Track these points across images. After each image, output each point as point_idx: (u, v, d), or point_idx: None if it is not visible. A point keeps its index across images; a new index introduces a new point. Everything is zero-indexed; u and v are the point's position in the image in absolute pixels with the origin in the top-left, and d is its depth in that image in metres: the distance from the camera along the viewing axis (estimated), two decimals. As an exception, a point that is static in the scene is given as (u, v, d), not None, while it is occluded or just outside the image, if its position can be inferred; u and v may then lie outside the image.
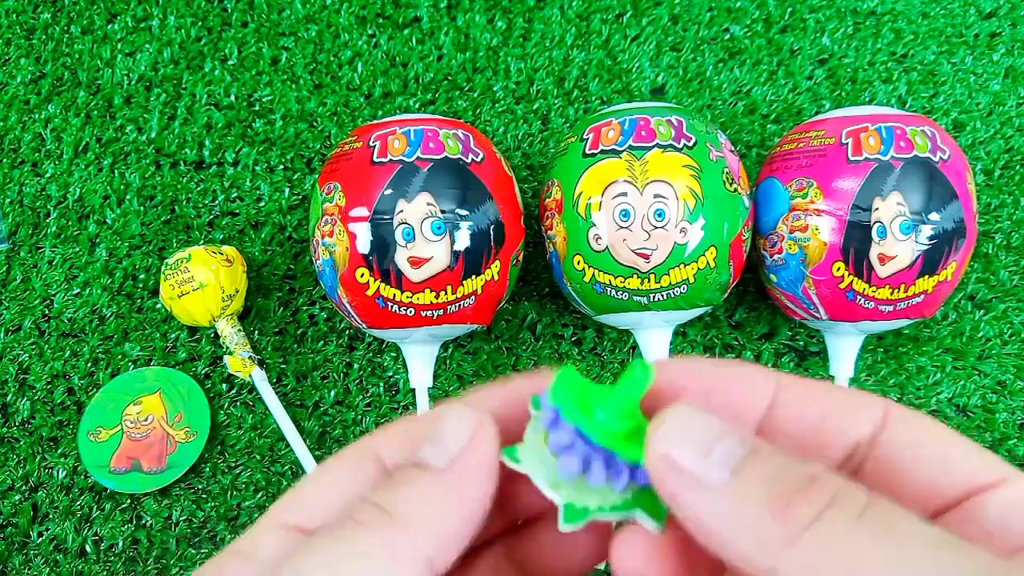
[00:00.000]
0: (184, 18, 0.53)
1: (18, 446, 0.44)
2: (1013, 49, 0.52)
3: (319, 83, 0.51)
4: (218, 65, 0.52)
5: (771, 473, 0.13)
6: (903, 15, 0.52)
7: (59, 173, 0.50)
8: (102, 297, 0.47)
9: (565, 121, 0.50)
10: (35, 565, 0.42)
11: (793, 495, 0.13)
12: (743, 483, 0.13)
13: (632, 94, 0.51)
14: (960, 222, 0.37)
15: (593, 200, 0.38)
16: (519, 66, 0.51)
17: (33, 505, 0.43)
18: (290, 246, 0.48)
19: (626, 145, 0.38)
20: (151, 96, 0.51)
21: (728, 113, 0.50)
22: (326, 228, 0.39)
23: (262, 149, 0.50)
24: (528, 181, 0.49)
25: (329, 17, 0.53)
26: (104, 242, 0.48)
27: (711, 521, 0.13)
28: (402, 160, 0.38)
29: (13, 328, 0.47)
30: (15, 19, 0.53)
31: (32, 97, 0.51)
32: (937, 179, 0.37)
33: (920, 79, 0.51)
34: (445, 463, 0.15)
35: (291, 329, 0.46)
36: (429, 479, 0.15)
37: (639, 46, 0.52)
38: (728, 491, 0.13)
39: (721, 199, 0.38)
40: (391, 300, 0.38)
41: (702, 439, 0.14)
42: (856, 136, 0.38)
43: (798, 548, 0.12)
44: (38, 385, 0.45)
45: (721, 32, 0.52)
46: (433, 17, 0.53)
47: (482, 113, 0.50)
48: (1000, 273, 0.47)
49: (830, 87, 0.51)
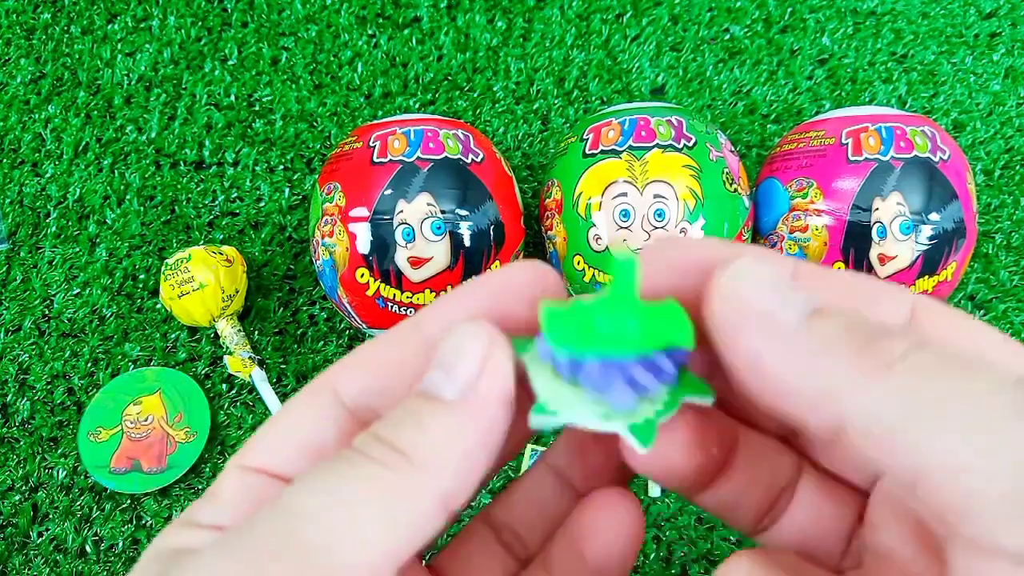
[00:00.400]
0: (184, 18, 0.53)
1: (18, 446, 0.44)
2: (1013, 49, 0.52)
3: (319, 83, 0.51)
4: (218, 65, 0.52)
5: (847, 320, 0.13)
6: (903, 15, 0.52)
7: (59, 173, 0.50)
8: (102, 297, 0.47)
9: (565, 121, 0.50)
10: (35, 565, 0.42)
11: (875, 337, 0.12)
12: (820, 323, 0.13)
13: (632, 94, 0.51)
14: (960, 222, 0.37)
15: (593, 200, 0.38)
16: (519, 66, 0.51)
17: (33, 505, 0.43)
18: (290, 246, 0.48)
19: (626, 145, 0.38)
20: (151, 96, 0.51)
21: (728, 113, 0.50)
22: (326, 228, 0.39)
23: (262, 149, 0.50)
24: (528, 181, 0.49)
25: (329, 17, 0.53)
26: (104, 242, 0.48)
27: (781, 366, 0.13)
28: (402, 160, 0.38)
29: (13, 328, 0.47)
30: (15, 19, 0.53)
31: (32, 97, 0.51)
32: (937, 179, 0.37)
33: (920, 79, 0.51)
34: (457, 394, 0.14)
35: (291, 329, 0.46)
36: (441, 413, 0.14)
37: (639, 46, 0.52)
38: (804, 331, 0.13)
39: (721, 199, 0.38)
40: (391, 300, 0.38)
41: (774, 281, 0.13)
42: (856, 136, 0.38)
43: (888, 381, 0.12)
44: (38, 385, 0.45)
45: (721, 32, 0.52)
46: (433, 17, 0.53)
47: (482, 113, 0.50)
48: (1000, 273, 0.47)
49: (830, 87, 0.51)
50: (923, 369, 0.12)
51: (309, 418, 0.16)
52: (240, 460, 0.16)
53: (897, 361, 0.12)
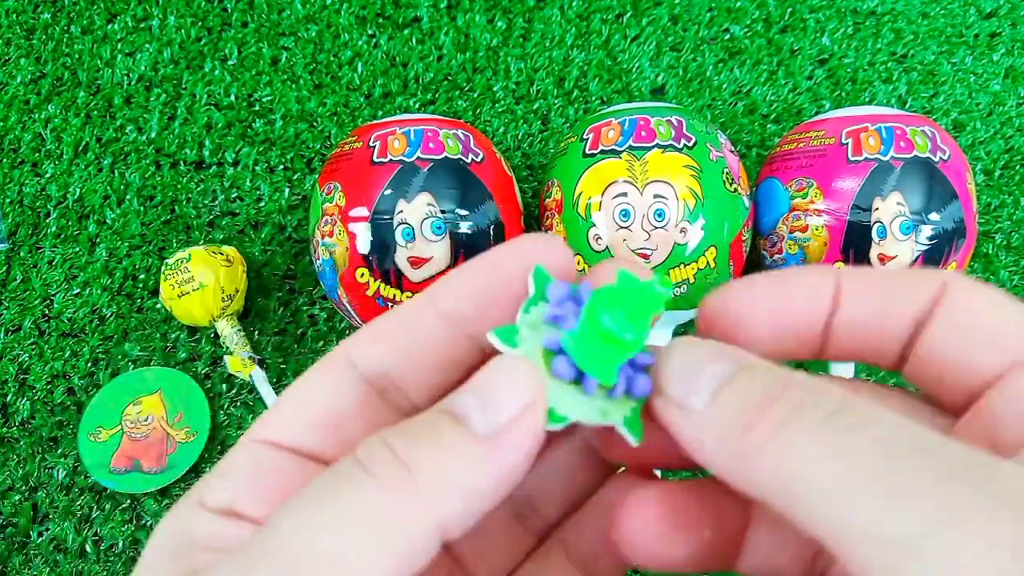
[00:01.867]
0: (184, 18, 0.53)
1: (18, 446, 0.44)
2: (1013, 49, 0.52)
3: (319, 83, 0.51)
4: (218, 65, 0.52)
5: (749, 389, 0.13)
6: (903, 15, 0.52)
7: (59, 173, 0.50)
8: (102, 297, 0.47)
9: (565, 121, 0.50)
10: (35, 565, 0.42)
11: (764, 407, 0.13)
12: (721, 402, 0.13)
13: (632, 94, 0.51)
14: (960, 222, 0.37)
15: (593, 200, 0.38)
16: (519, 66, 0.51)
17: (33, 505, 0.43)
18: (290, 246, 0.48)
19: (626, 145, 0.38)
20: (151, 96, 0.51)
21: (728, 113, 0.50)
22: (326, 228, 0.39)
23: (262, 149, 0.50)
24: (528, 181, 0.49)
25: (329, 17, 0.53)
26: (104, 242, 0.48)
27: (695, 442, 0.13)
28: (402, 160, 0.38)
29: (13, 328, 0.47)
30: (15, 19, 0.53)
31: (32, 97, 0.51)
32: (937, 179, 0.37)
33: (920, 79, 0.51)
34: (489, 431, 0.13)
35: (291, 329, 0.46)
36: (465, 442, 0.13)
37: (639, 46, 0.52)
38: (706, 411, 0.13)
39: (721, 199, 0.38)
40: (391, 300, 0.38)
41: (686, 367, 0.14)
42: (856, 136, 0.38)
43: (762, 458, 0.12)
44: (38, 385, 0.45)
45: (721, 32, 0.52)
46: (433, 17, 0.53)
47: (482, 113, 0.50)
48: (1000, 273, 0.47)
49: (830, 87, 0.51)
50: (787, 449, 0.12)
51: (325, 389, 0.16)
52: (254, 434, 0.15)
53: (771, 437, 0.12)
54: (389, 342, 0.15)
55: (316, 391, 0.16)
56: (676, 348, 0.15)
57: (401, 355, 0.15)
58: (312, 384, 0.16)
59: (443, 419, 0.13)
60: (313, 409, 0.15)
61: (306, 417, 0.15)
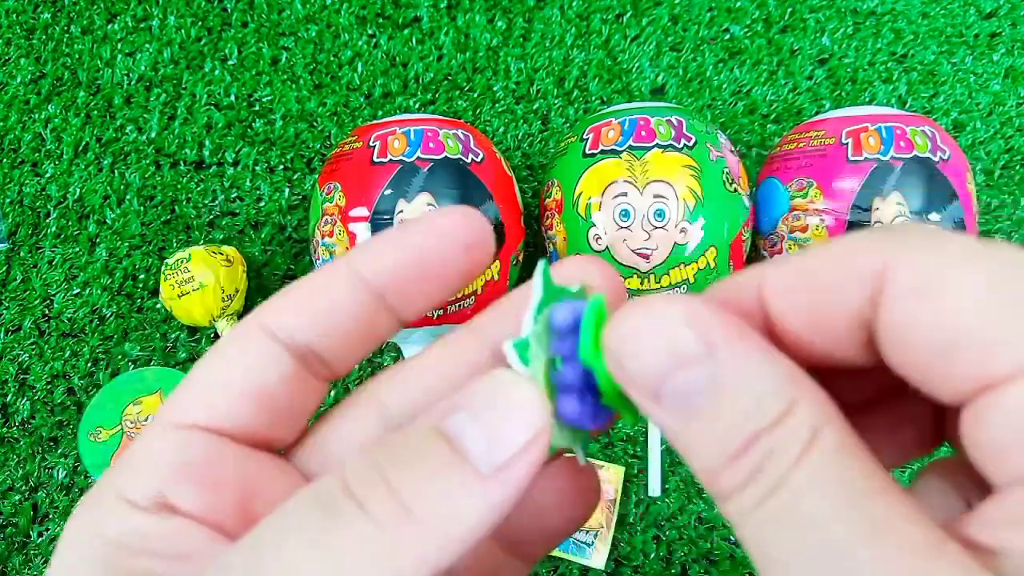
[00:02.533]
0: (184, 18, 0.53)
1: (18, 446, 0.44)
2: (1013, 49, 0.52)
3: (319, 83, 0.51)
4: (218, 65, 0.52)
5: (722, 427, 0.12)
6: (903, 15, 0.52)
7: (59, 173, 0.50)
8: (102, 297, 0.47)
9: (565, 121, 0.50)
10: (35, 565, 0.42)
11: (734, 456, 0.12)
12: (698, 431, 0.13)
13: (632, 94, 0.51)
14: (960, 222, 0.37)
15: (593, 200, 0.38)
16: (519, 66, 0.51)
17: (33, 505, 0.43)
18: (290, 246, 0.48)
19: (626, 145, 0.38)
20: (151, 96, 0.51)
21: (728, 113, 0.50)
22: (326, 228, 0.39)
23: (262, 149, 0.50)
24: (528, 181, 0.49)
25: (329, 17, 0.53)
26: (104, 242, 0.48)
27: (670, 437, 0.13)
28: (402, 160, 0.38)
29: (13, 328, 0.47)
30: (15, 19, 0.53)
31: (32, 97, 0.51)
32: (937, 179, 0.37)
33: (920, 79, 0.51)
34: (490, 469, 0.12)
35: (291, 329, 0.46)
36: (464, 481, 0.12)
37: (639, 46, 0.52)
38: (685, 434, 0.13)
39: (721, 199, 0.38)
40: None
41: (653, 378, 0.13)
42: (856, 136, 0.38)
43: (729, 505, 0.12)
44: (38, 385, 0.45)
45: (721, 32, 0.52)
46: (433, 17, 0.53)
47: (482, 113, 0.50)
48: (1000, 273, 0.47)
49: (830, 87, 0.51)
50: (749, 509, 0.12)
51: (244, 361, 0.14)
52: (168, 416, 0.14)
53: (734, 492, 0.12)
54: (306, 309, 0.15)
55: (235, 363, 0.15)
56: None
57: (320, 322, 0.15)
58: (228, 357, 0.15)
59: (439, 445, 0.13)
60: (234, 383, 0.14)
61: (228, 392, 0.14)
